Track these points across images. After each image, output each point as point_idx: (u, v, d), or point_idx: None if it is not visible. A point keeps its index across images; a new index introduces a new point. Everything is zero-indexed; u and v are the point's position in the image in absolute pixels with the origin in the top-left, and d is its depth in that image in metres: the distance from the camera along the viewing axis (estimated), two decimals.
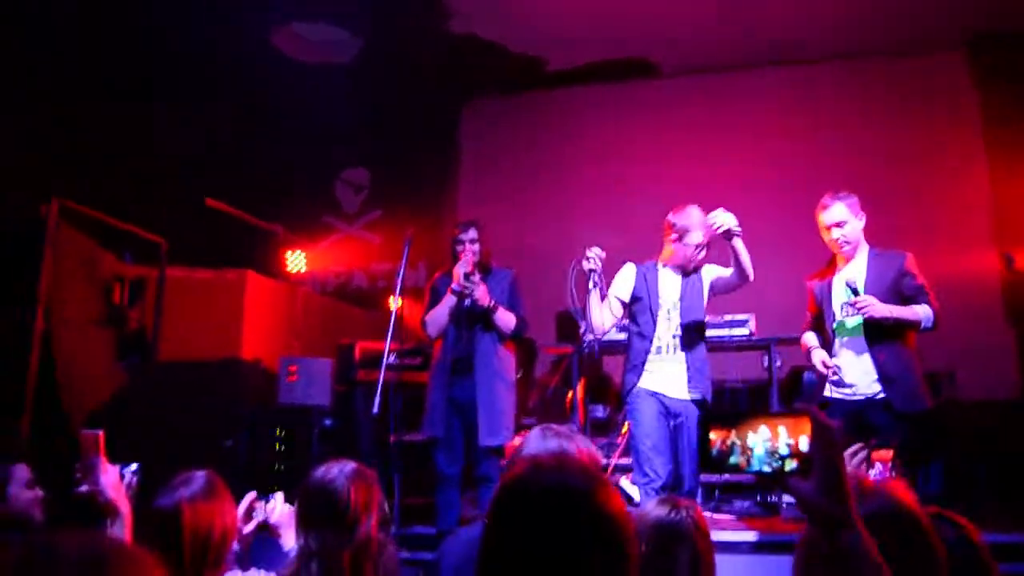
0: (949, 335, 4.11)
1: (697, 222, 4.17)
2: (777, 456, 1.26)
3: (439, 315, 4.64)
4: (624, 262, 4.60)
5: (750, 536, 4.15)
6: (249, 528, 2.46)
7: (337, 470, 2.05)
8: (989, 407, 5.96)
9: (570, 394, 5.68)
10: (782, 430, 1.27)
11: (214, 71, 6.95)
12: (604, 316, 4.23)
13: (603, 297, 4.19)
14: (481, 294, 4.52)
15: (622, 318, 4.42)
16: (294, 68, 7.11)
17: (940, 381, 5.66)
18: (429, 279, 5.07)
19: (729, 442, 1.30)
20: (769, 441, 1.27)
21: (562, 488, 1.22)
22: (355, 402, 5.74)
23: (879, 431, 3.86)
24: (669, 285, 4.30)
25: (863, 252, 4.10)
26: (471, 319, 4.63)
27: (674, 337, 4.19)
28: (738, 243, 3.98)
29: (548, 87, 8.13)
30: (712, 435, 1.32)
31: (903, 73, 7.40)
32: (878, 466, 2.47)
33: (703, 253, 4.25)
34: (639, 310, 4.31)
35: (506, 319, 4.59)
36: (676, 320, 4.22)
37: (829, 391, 4.09)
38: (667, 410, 4.14)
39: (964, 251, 6.73)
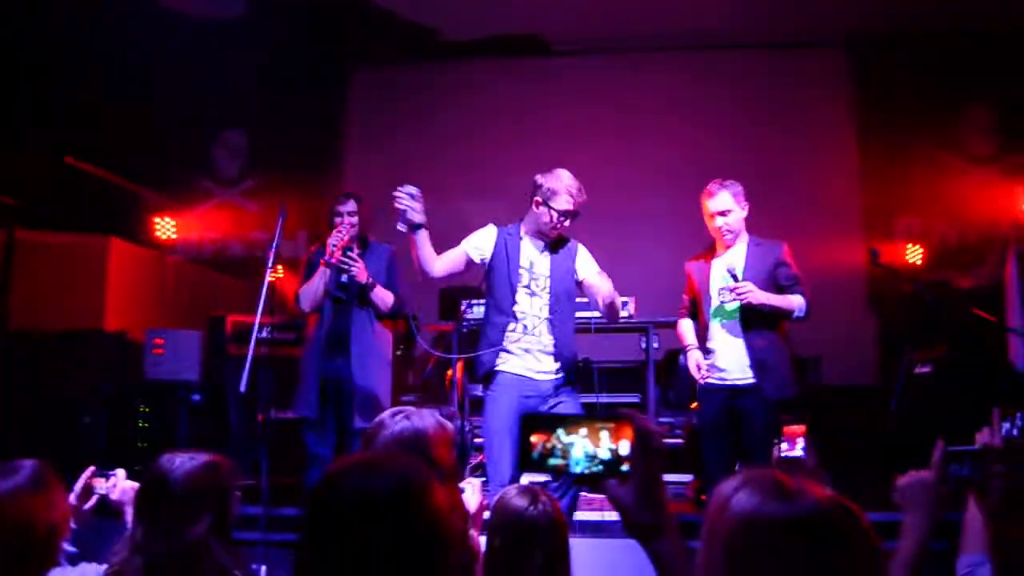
0: (817, 323, 4.22)
1: (565, 187, 3.87)
2: (597, 460, 1.25)
3: (313, 288, 4.50)
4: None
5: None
6: (88, 506, 2.33)
7: (180, 462, 1.91)
8: (850, 391, 6.26)
9: (449, 372, 5.62)
10: (604, 434, 1.26)
11: (81, 18, 6.47)
12: (430, 257, 3.89)
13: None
14: (359, 271, 4.41)
15: (458, 274, 4.10)
16: (173, 20, 6.70)
17: (807, 366, 5.89)
18: (307, 251, 4.91)
19: (550, 444, 1.28)
20: (589, 444, 1.26)
21: (368, 494, 1.18)
22: (225, 377, 5.54)
23: (746, 416, 3.95)
24: (532, 256, 3.95)
25: (743, 240, 4.16)
26: (347, 295, 4.52)
27: (540, 316, 3.86)
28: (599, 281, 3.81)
29: (439, 59, 7.97)
30: (533, 437, 1.30)
31: (786, 66, 7.61)
32: (799, 442, 2.48)
33: (567, 222, 3.91)
34: (497, 281, 3.94)
35: (384, 297, 4.49)
36: (545, 298, 3.89)
37: (702, 379, 4.13)
38: (535, 394, 3.85)
39: (834, 243, 6.99)
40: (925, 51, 7.29)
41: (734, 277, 3.96)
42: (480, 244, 4.04)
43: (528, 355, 3.85)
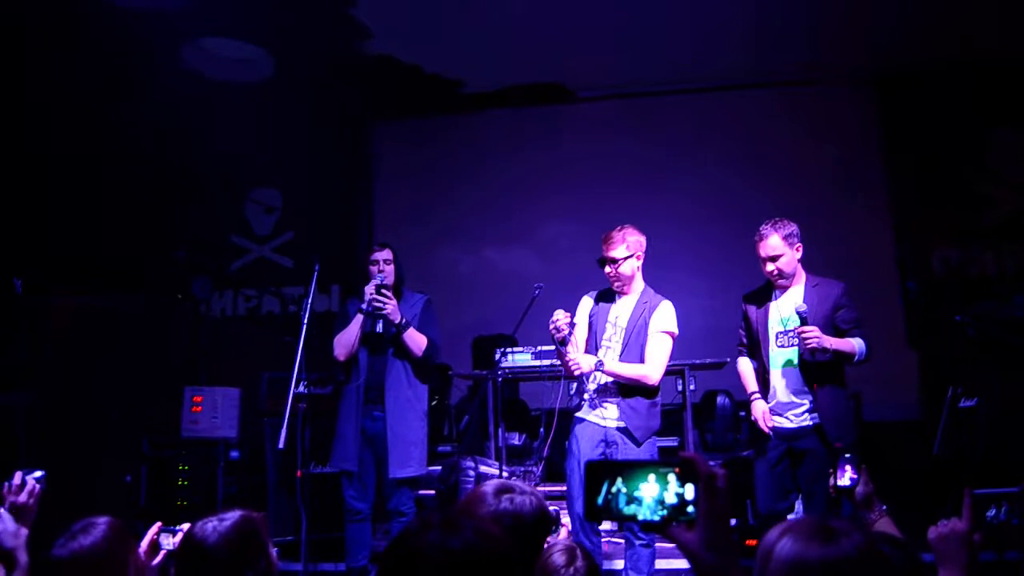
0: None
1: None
2: (663, 505, 1.24)
3: (348, 336, 4.55)
4: (539, 287, 4.60)
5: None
6: (156, 561, 2.34)
7: (212, 526, 1.91)
8: (892, 427, 6.13)
9: (485, 422, 5.61)
10: (671, 478, 1.25)
11: (109, 81, 6.66)
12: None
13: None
14: (392, 309, 4.45)
15: None
16: (202, 85, 6.88)
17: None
18: (342, 304, 4.96)
19: (615, 489, 1.27)
20: (655, 489, 1.25)
21: (444, 550, 1.20)
22: (263, 434, 5.56)
23: (806, 456, 3.94)
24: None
25: (800, 281, 4.11)
26: (382, 344, 4.55)
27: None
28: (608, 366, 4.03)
29: (464, 110, 8.08)
30: (598, 485, 1.29)
31: (811, 104, 7.59)
32: (848, 470, 2.46)
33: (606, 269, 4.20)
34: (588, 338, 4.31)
35: (417, 339, 4.52)
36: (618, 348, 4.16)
37: (767, 429, 4.09)
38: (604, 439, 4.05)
39: (870, 280, 6.92)
40: (952, 83, 7.26)
41: (803, 319, 3.90)
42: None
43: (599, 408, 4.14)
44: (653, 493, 1.25)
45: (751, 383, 4.21)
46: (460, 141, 8.05)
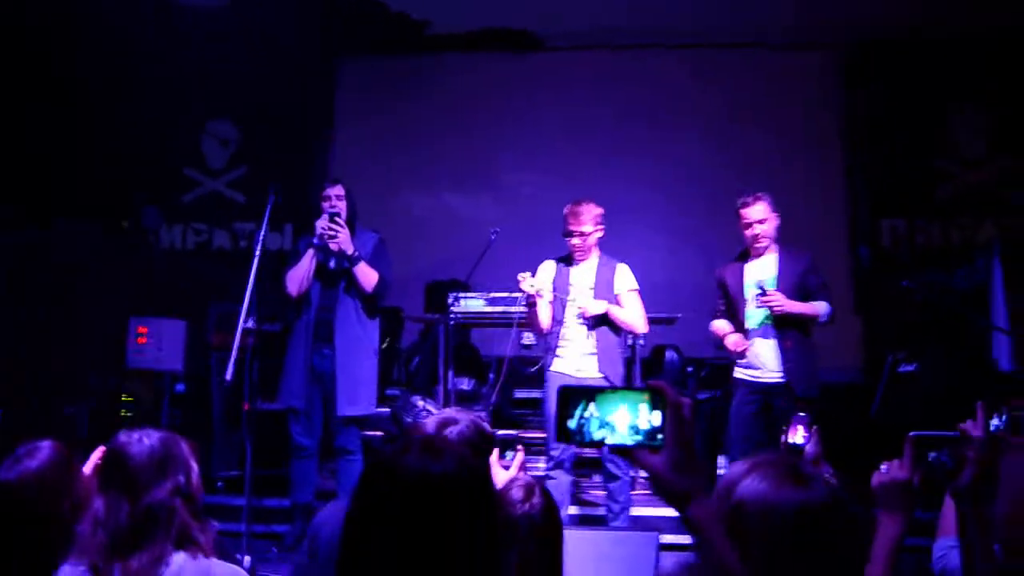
0: None
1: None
2: (638, 431, 1.28)
3: (300, 270, 4.51)
4: (496, 232, 4.89)
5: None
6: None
7: (137, 436, 1.93)
8: (836, 390, 6.27)
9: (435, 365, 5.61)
10: (643, 406, 1.29)
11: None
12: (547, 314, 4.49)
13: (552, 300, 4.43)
14: (344, 238, 4.41)
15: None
16: (157, 5, 6.63)
17: None
18: (295, 243, 4.92)
19: (587, 414, 1.30)
20: (629, 415, 1.29)
21: (426, 473, 1.23)
22: (210, 367, 5.50)
23: (778, 414, 4.16)
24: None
25: (774, 249, 4.42)
26: (333, 279, 4.53)
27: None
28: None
29: (429, 51, 7.93)
30: (570, 408, 1.32)
31: (777, 65, 7.59)
32: (800, 429, 2.50)
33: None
34: None
35: (368, 274, 4.48)
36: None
37: (737, 371, 4.42)
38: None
39: (820, 244, 7.02)
40: (916, 56, 7.31)
41: (763, 291, 4.21)
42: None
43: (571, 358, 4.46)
44: (626, 419, 1.28)
45: (726, 327, 4.47)
46: (424, 83, 7.91)
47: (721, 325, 4.52)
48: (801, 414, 2.51)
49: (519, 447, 2.36)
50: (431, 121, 7.80)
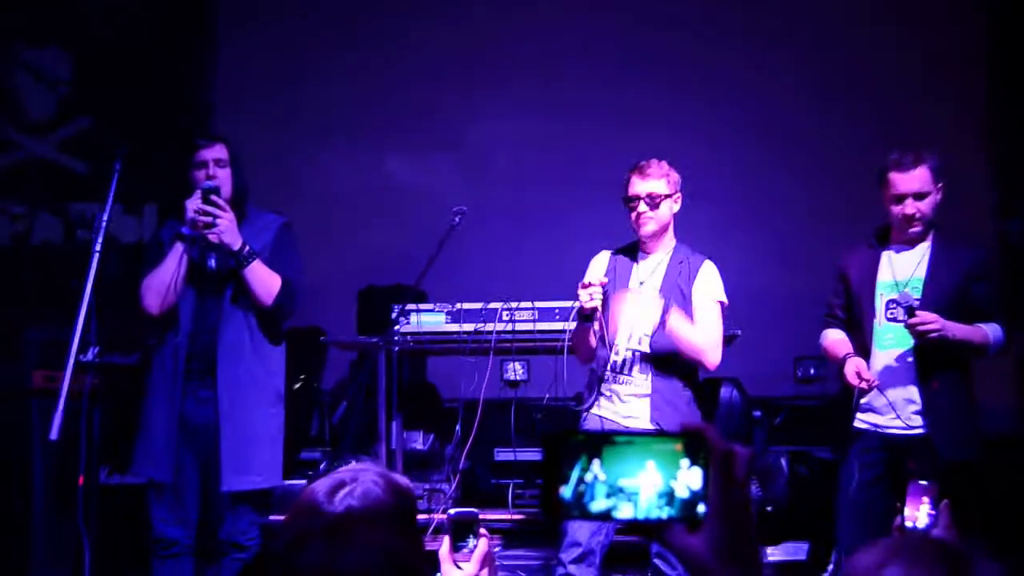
0: None
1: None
2: (667, 499, 1.25)
3: (163, 274, 4.47)
4: (460, 212, 4.96)
5: None
6: None
7: None
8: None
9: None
10: (679, 460, 1.25)
11: None
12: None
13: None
14: (227, 227, 4.38)
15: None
16: None
17: None
18: (157, 231, 4.99)
19: (590, 476, 1.27)
20: (656, 476, 1.25)
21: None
22: (29, 421, 5.48)
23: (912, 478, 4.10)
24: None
25: (928, 238, 4.43)
26: (214, 287, 4.51)
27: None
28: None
29: None
30: (566, 467, 1.28)
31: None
32: (924, 504, 2.51)
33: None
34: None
35: (266, 279, 4.46)
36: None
37: (857, 419, 4.40)
38: None
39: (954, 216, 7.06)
40: None
41: (908, 310, 4.17)
42: None
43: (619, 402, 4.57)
44: (654, 482, 1.25)
45: (843, 347, 4.47)
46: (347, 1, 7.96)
47: (837, 339, 4.54)
48: (922, 482, 2.50)
49: (482, 531, 2.32)
50: (357, 52, 7.84)
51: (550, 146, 6.90)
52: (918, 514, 2.46)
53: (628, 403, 4.46)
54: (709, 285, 4.52)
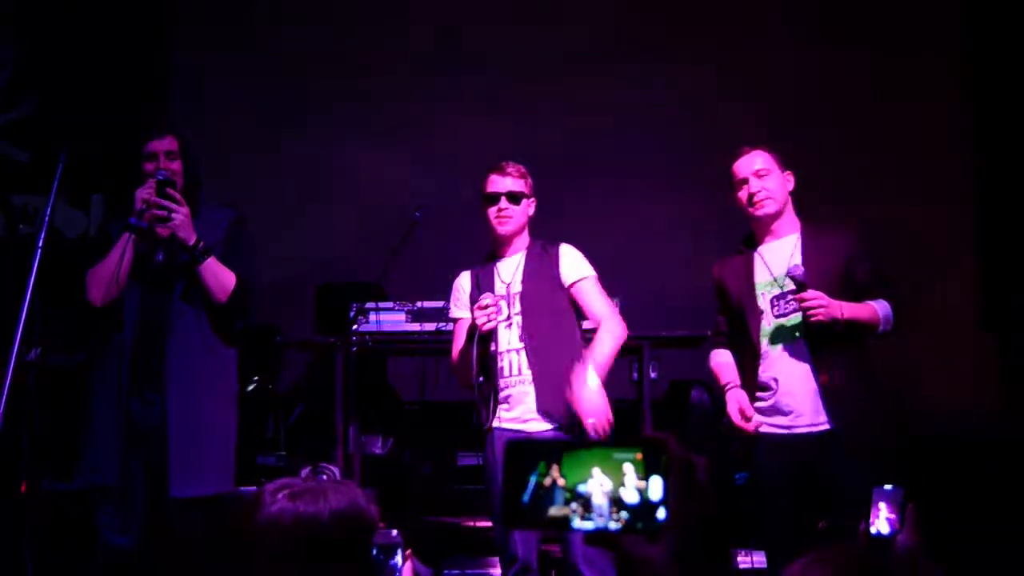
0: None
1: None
2: (620, 508, 1.29)
3: (109, 266, 4.39)
4: (421, 210, 5.02)
5: None
6: None
7: None
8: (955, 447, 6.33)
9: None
10: (628, 468, 1.29)
11: None
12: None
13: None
14: (181, 220, 4.32)
15: None
16: None
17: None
18: (104, 223, 4.86)
19: (548, 484, 1.32)
20: (608, 483, 1.30)
21: None
22: None
23: (828, 481, 4.08)
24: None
25: (795, 229, 4.39)
26: (163, 283, 4.45)
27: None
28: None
29: None
30: (524, 475, 1.34)
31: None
32: (883, 509, 2.50)
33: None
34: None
35: (219, 276, 4.41)
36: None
37: (752, 428, 4.30)
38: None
39: (931, 215, 7.11)
40: None
41: (799, 284, 4.11)
42: None
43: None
44: (606, 489, 1.29)
45: (725, 372, 4.50)
46: None
47: (721, 363, 4.57)
48: (886, 487, 2.49)
49: (407, 551, 2.31)
50: (314, 33, 7.92)
51: (515, 142, 6.87)
52: (877, 521, 2.45)
53: (523, 402, 4.47)
54: (575, 264, 4.63)
